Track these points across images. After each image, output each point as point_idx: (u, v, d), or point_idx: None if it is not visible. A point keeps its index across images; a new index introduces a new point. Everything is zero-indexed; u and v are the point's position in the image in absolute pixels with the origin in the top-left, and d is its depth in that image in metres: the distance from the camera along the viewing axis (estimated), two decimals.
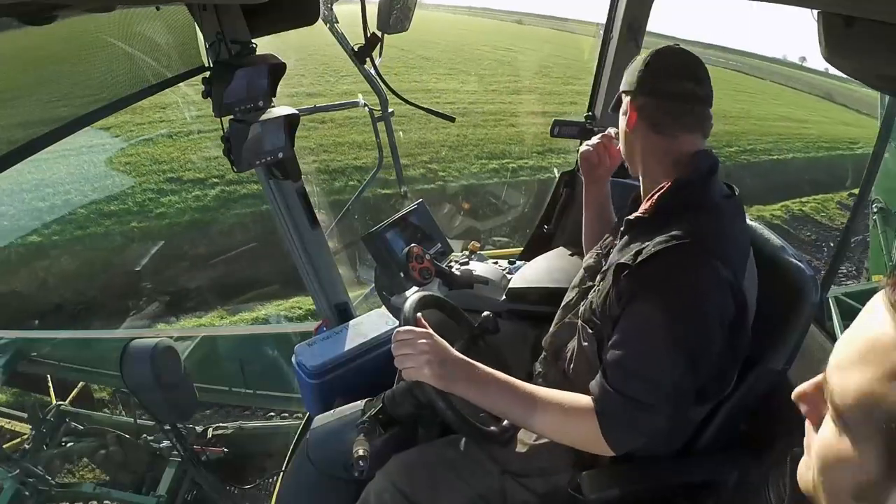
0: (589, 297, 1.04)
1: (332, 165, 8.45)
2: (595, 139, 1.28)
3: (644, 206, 1.01)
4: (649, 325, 0.88)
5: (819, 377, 0.46)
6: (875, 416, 0.39)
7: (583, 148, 1.30)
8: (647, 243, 0.91)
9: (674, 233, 0.89)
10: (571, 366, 1.06)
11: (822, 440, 0.46)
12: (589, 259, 1.19)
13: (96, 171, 7.88)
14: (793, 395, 0.49)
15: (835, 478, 0.44)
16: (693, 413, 1.04)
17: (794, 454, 0.58)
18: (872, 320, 0.41)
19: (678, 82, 0.99)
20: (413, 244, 1.40)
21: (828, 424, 0.45)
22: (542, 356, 1.19)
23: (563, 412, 0.92)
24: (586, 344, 1.00)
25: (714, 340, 0.89)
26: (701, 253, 0.88)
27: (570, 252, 1.69)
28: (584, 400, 0.92)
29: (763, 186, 9.90)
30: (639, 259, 0.89)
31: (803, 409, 0.49)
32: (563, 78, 14.78)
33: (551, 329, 1.20)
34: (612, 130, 1.26)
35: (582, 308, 1.04)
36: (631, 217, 1.01)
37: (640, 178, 1.08)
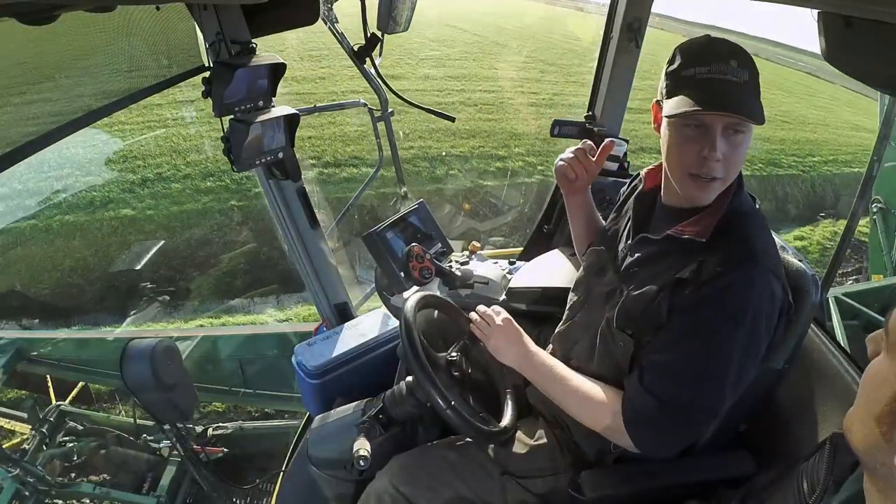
0: (622, 302, 1.02)
1: (430, 153, 8.32)
2: (569, 153, 1.23)
3: (695, 227, 0.95)
4: (704, 339, 0.90)
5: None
6: None
7: (558, 163, 1.24)
8: (705, 259, 0.91)
9: (736, 253, 0.90)
10: (592, 368, 1.06)
11: (870, 366, 0.52)
12: (591, 256, 1.19)
13: (187, 145, 7.69)
14: (867, 339, 0.55)
15: (868, 397, 0.51)
16: None
17: (833, 435, 0.63)
18: None
19: None
20: (413, 244, 1.41)
21: (880, 354, 0.51)
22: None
23: (591, 404, 0.99)
24: (621, 345, 1.00)
25: (759, 356, 0.92)
26: (761, 272, 0.89)
27: (569, 252, 1.69)
28: (611, 396, 0.98)
29: (848, 200, 9.77)
30: (703, 277, 0.90)
31: (870, 350, 0.54)
32: (639, 73, 14.08)
33: (559, 328, 1.19)
34: (587, 143, 1.24)
35: (615, 312, 1.02)
36: (681, 237, 0.96)
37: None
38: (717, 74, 0.87)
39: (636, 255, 1.03)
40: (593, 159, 1.22)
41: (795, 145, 11.16)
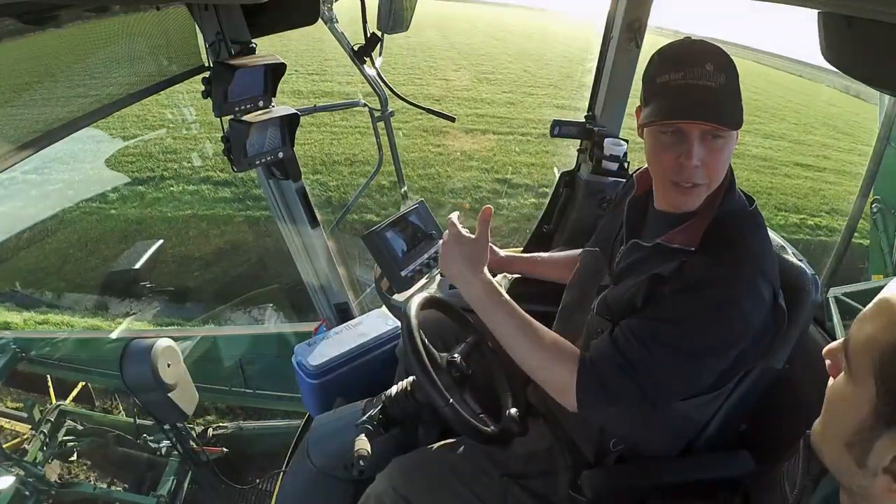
0: (603, 293, 1.03)
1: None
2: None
3: (684, 235, 0.93)
4: (673, 316, 0.88)
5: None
6: (872, 360, 0.44)
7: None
8: (688, 258, 0.90)
9: (723, 256, 0.88)
10: None
11: (832, 385, 0.51)
12: (587, 257, 1.19)
13: (414, 156, 7.98)
14: (823, 352, 0.54)
15: (835, 420, 0.50)
16: (695, 414, 1.04)
17: (806, 437, 0.61)
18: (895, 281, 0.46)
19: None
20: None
21: (841, 373, 0.50)
22: None
23: (552, 349, 0.95)
24: (600, 331, 0.99)
25: (727, 355, 0.89)
26: (747, 272, 0.87)
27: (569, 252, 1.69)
28: (575, 348, 0.95)
29: None
30: (685, 274, 0.88)
31: (828, 363, 0.53)
32: (801, 125, 13.68)
33: (554, 327, 1.19)
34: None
35: (595, 302, 1.03)
36: (665, 244, 0.94)
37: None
38: (691, 80, 0.85)
39: (628, 260, 1.02)
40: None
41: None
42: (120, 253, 5.96)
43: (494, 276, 1.45)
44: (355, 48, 1.62)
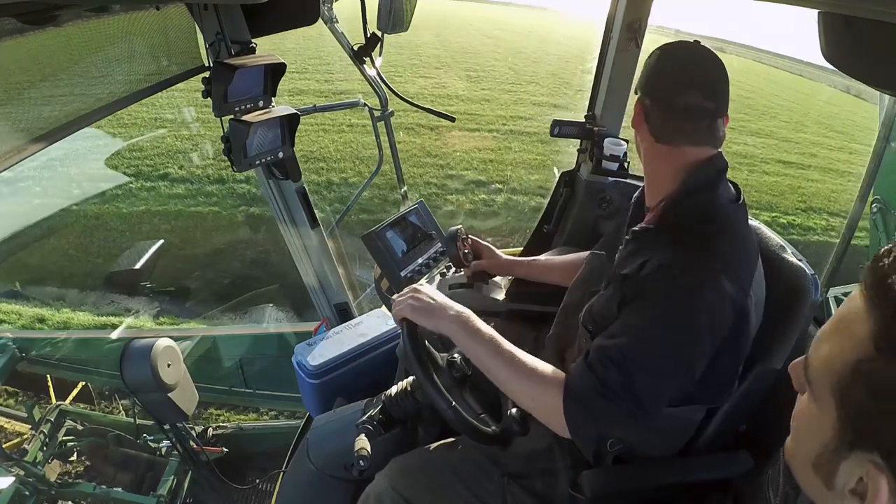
0: (591, 300, 1.03)
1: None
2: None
3: (649, 215, 0.96)
4: (640, 326, 0.88)
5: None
6: (832, 383, 0.44)
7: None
8: (651, 255, 0.89)
9: (680, 246, 0.88)
10: None
11: (798, 405, 0.51)
12: (593, 261, 1.19)
13: (368, 153, 7.72)
14: (789, 368, 0.54)
15: (802, 441, 0.50)
16: (692, 414, 1.04)
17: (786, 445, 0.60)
18: (850, 299, 0.45)
19: (684, 93, 0.92)
20: (459, 225, 1.47)
21: (805, 393, 0.50)
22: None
23: (537, 379, 0.93)
24: (584, 342, 1.00)
25: (699, 356, 0.88)
26: (705, 267, 0.86)
27: (569, 252, 1.69)
28: (559, 374, 0.93)
29: None
30: (643, 272, 0.88)
31: (794, 381, 0.53)
32: (792, 123, 13.04)
33: (552, 330, 1.20)
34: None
35: (583, 311, 1.04)
36: (637, 228, 0.98)
37: (645, 179, 1.04)
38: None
39: (622, 256, 1.02)
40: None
41: None
42: (78, 246, 6.15)
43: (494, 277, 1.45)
44: (355, 48, 1.62)
